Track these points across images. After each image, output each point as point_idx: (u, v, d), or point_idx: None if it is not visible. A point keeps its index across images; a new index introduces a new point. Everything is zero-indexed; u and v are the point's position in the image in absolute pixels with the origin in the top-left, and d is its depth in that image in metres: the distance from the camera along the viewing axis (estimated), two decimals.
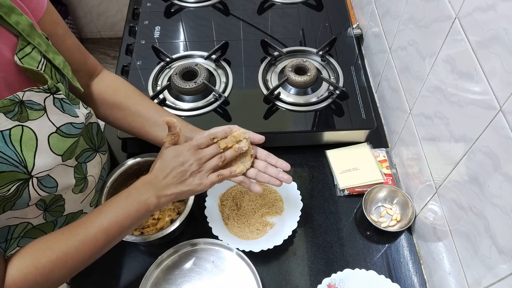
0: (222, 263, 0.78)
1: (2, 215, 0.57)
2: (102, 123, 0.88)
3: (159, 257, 0.77)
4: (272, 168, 0.73)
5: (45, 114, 0.57)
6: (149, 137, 0.77)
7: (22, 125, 0.54)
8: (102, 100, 0.76)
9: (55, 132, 0.59)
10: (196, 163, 0.65)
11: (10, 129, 0.53)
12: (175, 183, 0.64)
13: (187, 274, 0.77)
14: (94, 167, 0.74)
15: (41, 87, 0.56)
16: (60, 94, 0.59)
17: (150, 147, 0.91)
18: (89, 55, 0.76)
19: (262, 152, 0.75)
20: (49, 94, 0.57)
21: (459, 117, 0.64)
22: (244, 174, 0.72)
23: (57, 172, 0.62)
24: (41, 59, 0.57)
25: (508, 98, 0.50)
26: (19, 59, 0.54)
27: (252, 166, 0.73)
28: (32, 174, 0.57)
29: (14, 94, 0.52)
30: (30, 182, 0.57)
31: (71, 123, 0.62)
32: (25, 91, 0.53)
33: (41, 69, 0.57)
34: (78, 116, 0.64)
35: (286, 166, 0.73)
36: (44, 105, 0.57)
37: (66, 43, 0.69)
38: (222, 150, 0.69)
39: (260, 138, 0.74)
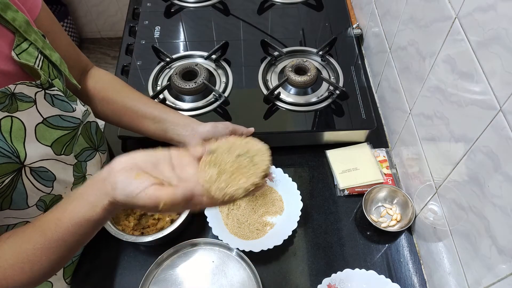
0: (222, 263, 0.78)
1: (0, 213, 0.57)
2: (102, 123, 0.89)
3: (159, 257, 0.77)
4: None
5: (35, 105, 0.58)
6: (140, 130, 0.78)
7: (11, 116, 0.55)
8: (92, 96, 0.77)
9: (42, 122, 0.59)
10: None
11: (0, 120, 0.53)
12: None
13: (187, 274, 0.77)
14: (93, 166, 0.74)
15: (33, 82, 0.56)
16: (53, 90, 0.60)
17: (150, 147, 0.91)
18: (81, 53, 0.79)
19: (241, 130, 0.79)
20: (41, 89, 0.58)
21: (459, 117, 0.64)
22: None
23: (55, 167, 0.63)
24: (38, 55, 0.58)
25: (508, 98, 0.50)
26: (17, 55, 0.55)
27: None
28: (25, 163, 0.57)
29: (6, 87, 0.53)
30: (23, 171, 0.57)
31: (59, 115, 0.62)
32: (17, 84, 0.54)
33: (38, 65, 0.58)
34: (72, 111, 0.64)
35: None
36: (35, 98, 0.58)
37: (62, 40, 0.70)
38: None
39: (248, 131, 0.80)
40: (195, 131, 0.76)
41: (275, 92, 0.96)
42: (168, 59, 1.03)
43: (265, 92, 0.97)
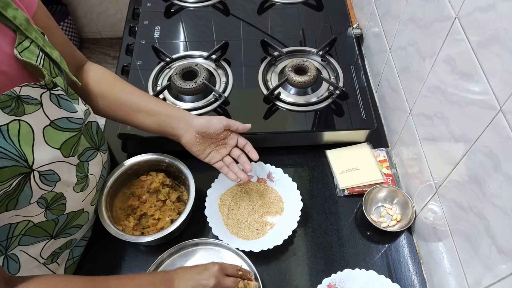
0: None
1: (4, 214, 0.57)
2: (101, 122, 0.89)
3: (159, 257, 0.77)
4: (242, 157, 0.81)
5: (41, 108, 0.58)
6: (134, 123, 0.79)
7: (19, 120, 0.55)
8: (87, 91, 0.78)
9: (49, 125, 0.59)
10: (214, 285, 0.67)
11: (7, 124, 0.53)
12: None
13: None
14: (95, 166, 0.74)
15: (37, 83, 0.56)
16: (58, 90, 0.60)
17: (150, 147, 0.91)
18: (76, 48, 0.79)
19: (242, 141, 0.82)
20: (46, 90, 0.58)
21: (459, 117, 0.64)
22: (222, 160, 0.81)
23: (61, 169, 0.63)
24: (39, 53, 0.58)
25: (508, 98, 0.51)
26: (19, 53, 0.55)
27: (228, 154, 0.82)
28: (33, 168, 0.57)
29: (11, 90, 0.53)
30: (32, 176, 0.57)
31: (66, 117, 0.62)
32: (22, 86, 0.54)
33: (40, 63, 0.57)
34: (76, 111, 0.64)
35: (255, 157, 0.81)
36: (41, 99, 0.57)
37: (58, 37, 0.70)
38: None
39: (244, 127, 0.80)
40: (189, 124, 0.77)
41: (275, 92, 0.96)
42: (168, 59, 1.03)
43: (265, 92, 0.97)
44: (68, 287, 0.59)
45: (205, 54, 1.04)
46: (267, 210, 0.85)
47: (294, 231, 0.79)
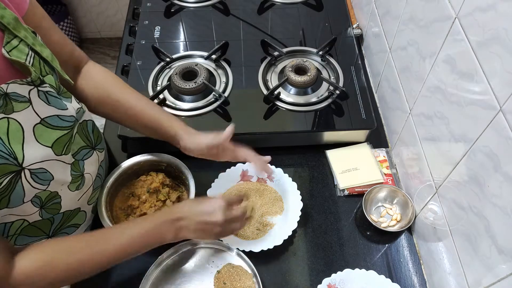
0: (222, 263, 0.78)
1: None
2: (100, 123, 0.88)
3: (159, 257, 0.77)
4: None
5: (30, 106, 0.58)
6: (138, 129, 0.79)
7: (8, 117, 0.55)
8: (86, 96, 0.76)
9: (40, 123, 0.59)
10: (221, 228, 0.69)
11: None
12: (195, 230, 0.69)
13: (187, 274, 0.78)
14: (91, 165, 0.74)
15: (24, 80, 0.56)
16: (45, 86, 0.59)
17: (150, 147, 0.91)
18: (76, 48, 0.77)
19: (241, 155, 0.79)
20: (33, 86, 0.57)
21: (459, 117, 0.64)
22: None
23: (54, 167, 0.63)
24: (28, 51, 0.58)
25: (508, 98, 0.51)
26: (7, 52, 0.54)
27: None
28: (24, 166, 0.57)
29: None
30: (23, 174, 0.57)
31: (57, 115, 0.62)
32: (9, 83, 0.54)
33: (29, 62, 0.57)
34: (66, 109, 0.64)
35: (268, 158, 0.82)
36: (29, 97, 0.57)
37: (52, 36, 0.69)
38: (248, 216, 0.74)
39: (228, 132, 0.78)
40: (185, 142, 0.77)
41: (275, 92, 0.96)
42: (168, 59, 1.03)
43: (265, 92, 0.97)
44: (63, 247, 0.62)
45: (205, 54, 1.04)
46: (267, 210, 0.85)
47: (294, 231, 0.79)
